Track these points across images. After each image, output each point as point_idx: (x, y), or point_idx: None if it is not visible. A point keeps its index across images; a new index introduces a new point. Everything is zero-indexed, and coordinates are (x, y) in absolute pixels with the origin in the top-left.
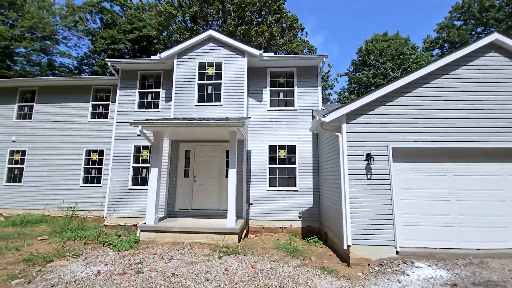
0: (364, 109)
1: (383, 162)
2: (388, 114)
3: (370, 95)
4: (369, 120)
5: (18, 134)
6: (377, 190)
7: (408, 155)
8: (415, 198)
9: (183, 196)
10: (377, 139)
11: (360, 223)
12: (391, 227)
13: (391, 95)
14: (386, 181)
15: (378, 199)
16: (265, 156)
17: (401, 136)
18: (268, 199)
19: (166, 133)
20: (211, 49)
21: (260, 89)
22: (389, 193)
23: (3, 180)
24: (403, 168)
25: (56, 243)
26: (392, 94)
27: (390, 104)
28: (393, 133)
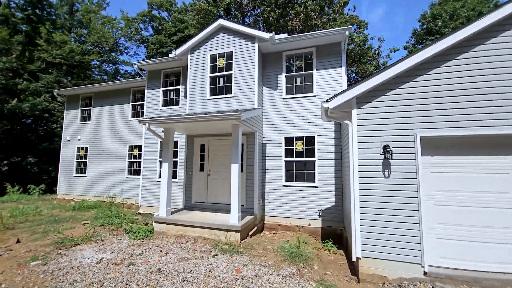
0: (382, 89)
1: (407, 156)
2: (417, 93)
3: (390, 70)
4: (389, 103)
5: (82, 134)
6: (398, 191)
7: (445, 146)
8: (456, 204)
9: (198, 189)
10: (399, 127)
11: (373, 231)
12: (417, 240)
13: (422, 67)
14: (411, 180)
15: (399, 203)
16: (281, 148)
17: (435, 121)
18: (284, 195)
19: (176, 128)
20: (222, 39)
21: (275, 76)
22: (415, 195)
23: (73, 172)
24: (438, 163)
25: (91, 228)
26: (423, 65)
27: (420, 80)
28: (423, 117)
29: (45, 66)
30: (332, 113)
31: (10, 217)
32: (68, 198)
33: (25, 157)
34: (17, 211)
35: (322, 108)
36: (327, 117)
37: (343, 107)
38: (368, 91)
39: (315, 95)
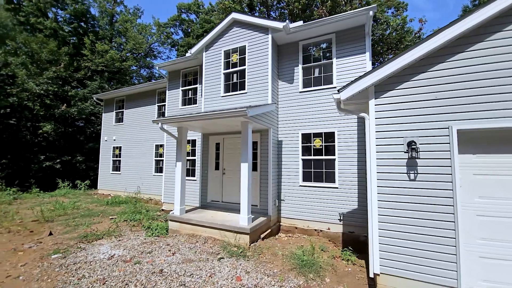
0: (407, 73)
1: (439, 155)
2: (455, 75)
3: (418, 48)
4: (415, 90)
5: (116, 134)
6: (426, 197)
7: (492, 142)
8: (507, 215)
9: (214, 188)
10: (429, 118)
11: (394, 243)
12: (452, 258)
13: (463, 42)
14: (444, 184)
15: (428, 211)
16: (298, 146)
17: (478, 110)
18: (301, 196)
19: (189, 127)
20: (235, 33)
21: (291, 68)
22: (450, 203)
23: (110, 169)
24: (482, 163)
25: (115, 223)
26: (461, 41)
27: (459, 58)
28: (462, 105)
29: (90, 74)
30: (346, 105)
31: (53, 211)
32: (106, 193)
33: (75, 156)
34: (58, 205)
35: (334, 100)
36: (340, 110)
37: (358, 98)
38: (389, 76)
39: (334, 86)
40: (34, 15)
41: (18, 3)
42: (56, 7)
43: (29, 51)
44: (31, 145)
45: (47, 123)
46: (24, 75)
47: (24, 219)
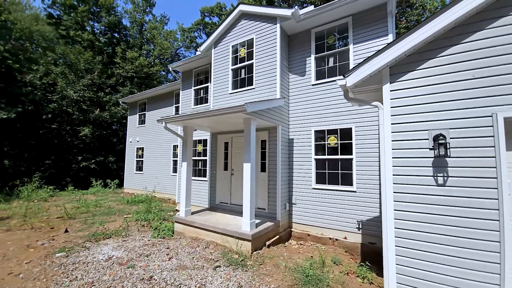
0: (432, 48)
1: (478, 152)
2: (498, 46)
3: (447, 13)
4: (444, 69)
5: (139, 136)
6: (460, 209)
7: None
8: None
9: (223, 189)
10: (463, 105)
11: (416, 266)
12: (496, 285)
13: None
14: (486, 191)
15: (464, 227)
16: (310, 144)
17: None
18: (314, 200)
19: (194, 126)
20: (243, 26)
21: (302, 59)
22: (493, 216)
23: (134, 169)
24: None
25: (126, 222)
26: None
27: (507, 23)
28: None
29: (122, 80)
30: (356, 93)
31: (77, 208)
32: (131, 192)
33: (107, 157)
34: (84, 203)
35: (340, 87)
36: (349, 100)
37: (370, 83)
38: (409, 53)
39: None
40: (73, 28)
41: (58, 17)
42: (92, 20)
43: (68, 61)
44: (71, 147)
45: (86, 127)
46: (64, 83)
47: (51, 216)
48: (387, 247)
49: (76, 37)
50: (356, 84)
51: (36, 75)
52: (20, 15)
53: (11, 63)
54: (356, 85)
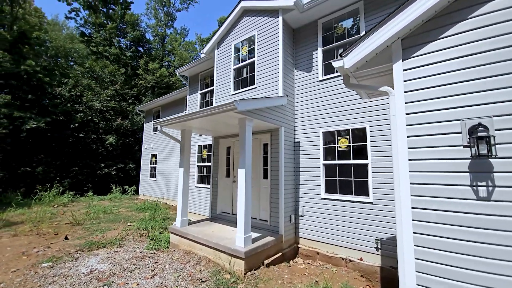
0: (461, 7)
1: None
2: None
3: None
4: (482, 33)
5: (153, 143)
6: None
7: None
8: None
9: (224, 198)
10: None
11: None
12: None
13: None
14: None
15: None
16: (318, 148)
17: None
18: (323, 212)
19: (192, 129)
20: (245, 24)
21: (309, 54)
22: None
23: (148, 176)
24: None
25: (125, 231)
26: None
27: None
28: None
29: (144, 90)
30: (360, 79)
31: (88, 214)
32: (145, 198)
33: (127, 163)
34: (96, 209)
35: (337, 70)
36: (350, 87)
37: (375, 63)
38: (428, 18)
39: None
40: (102, 44)
41: (89, 35)
42: (119, 36)
43: (94, 74)
44: (95, 155)
45: (110, 135)
46: (90, 95)
47: (61, 221)
48: (404, 273)
49: (105, 52)
50: (357, 65)
51: (65, 88)
52: (56, 34)
53: (42, 77)
54: (358, 67)
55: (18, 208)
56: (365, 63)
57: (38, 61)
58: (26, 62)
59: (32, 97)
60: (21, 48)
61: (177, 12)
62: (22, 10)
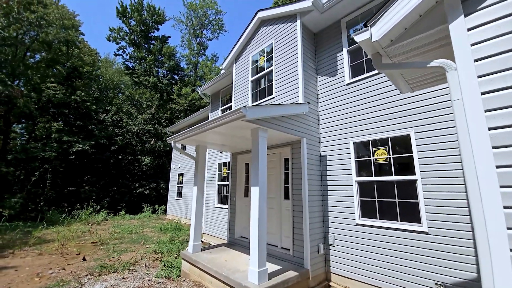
0: None
1: None
2: None
3: None
4: None
5: (181, 162)
6: None
7: None
8: None
9: (243, 220)
10: None
11: None
12: None
13: None
14: None
15: None
16: (349, 162)
17: None
18: (360, 242)
19: (207, 145)
20: (262, 34)
21: (333, 56)
22: None
23: (175, 195)
24: None
25: (141, 254)
26: None
27: None
28: None
29: (177, 114)
30: (394, 57)
31: (112, 234)
32: (172, 218)
33: (159, 183)
34: (123, 228)
35: (363, 46)
36: (382, 69)
37: (418, 30)
38: None
39: None
40: (142, 75)
41: (132, 68)
42: (157, 67)
43: (133, 100)
44: (132, 175)
45: (146, 156)
46: (129, 120)
47: (88, 240)
48: None
49: (144, 81)
50: (391, 36)
51: (109, 114)
52: (107, 69)
53: (89, 105)
54: (392, 40)
55: (55, 226)
56: (403, 31)
57: (88, 92)
58: (76, 93)
59: (80, 123)
60: (73, 81)
61: (208, 41)
62: (77, 50)
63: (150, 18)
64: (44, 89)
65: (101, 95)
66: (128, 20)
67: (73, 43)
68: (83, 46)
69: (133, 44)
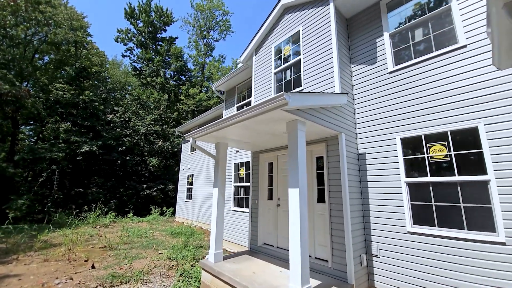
0: None
1: None
2: None
3: None
4: None
5: (190, 163)
6: None
7: None
8: None
9: (266, 226)
10: None
11: None
12: None
13: None
14: None
15: None
16: (396, 160)
17: None
18: (412, 253)
19: (229, 142)
20: (287, 22)
21: (370, 42)
22: None
23: (184, 197)
24: None
25: (154, 261)
26: None
27: None
28: None
29: (185, 114)
30: None
31: (122, 238)
32: (181, 221)
33: (167, 184)
34: (132, 231)
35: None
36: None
37: None
38: None
39: (462, 45)
40: (150, 76)
41: (140, 69)
42: (164, 68)
43: (141, 101)
44: (139, 176)
45: (153, 157)
46: (137, 121)
47: (97, 244)
48: None
49: (152, 82)
50: None
51: (117, 115)
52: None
53: (98, 105)
54: None
55: (62, 229)
56: None
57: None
58: (84, 93)
59: (88, 124)
60: (81, 81)
61: (215, 42)
62: (85, 51)
63: (157, 19)
64: (52, 89)
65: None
66: (136, 21)
67: (81, 44)
68: (91, 48)
69: (140, 45)
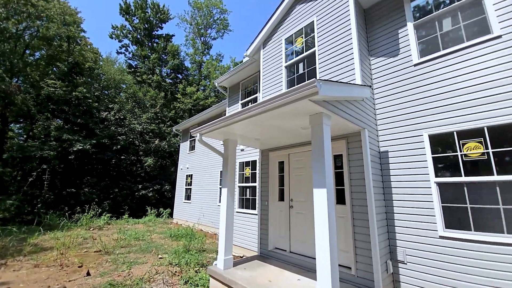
0: None
1: None
2: None
3: None
4: None
5: (189, 163)
6: None
7: None
8: None
9: (278, 229)
10: None
11: None
12: None
13: None
14: None
15: None
16: (424, 159)
17: None
18: (445, 260)
19: (238, 139)
20: (298, 13)
21: (392, 33)
22: None
23: (183, 198)
24: None
25: (155, 267)
26: None
27: None
28: None
29: (182, 113)
30: None
31: (122, 240)
32: (180, 222)
33: (163, 185)
34: (128, 234)
35: None
36: None
37: None
38: None
39: (497, 35)
40: (145, 73)
41: (135, 66)
42: (160, 66)
43: (137, 99)
44: (134, 176)
45: (149, 157)
46: (132, 119)
47: (91, 248)
48: None
49: (148, 80)
50: None
51: (111, 113)
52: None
53: (91, 102)
54: None
55: (53, 231)
56: None
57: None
58: (77, 89)
59: (81, 121)
60: (74, 77)
61: (213, 40)
62: (79, 46)
63: (154, 16)
64: (43, 86)
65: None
66: (132, 17)
67: (74, 40)
68: (84, 43)
69: (136, 42)
